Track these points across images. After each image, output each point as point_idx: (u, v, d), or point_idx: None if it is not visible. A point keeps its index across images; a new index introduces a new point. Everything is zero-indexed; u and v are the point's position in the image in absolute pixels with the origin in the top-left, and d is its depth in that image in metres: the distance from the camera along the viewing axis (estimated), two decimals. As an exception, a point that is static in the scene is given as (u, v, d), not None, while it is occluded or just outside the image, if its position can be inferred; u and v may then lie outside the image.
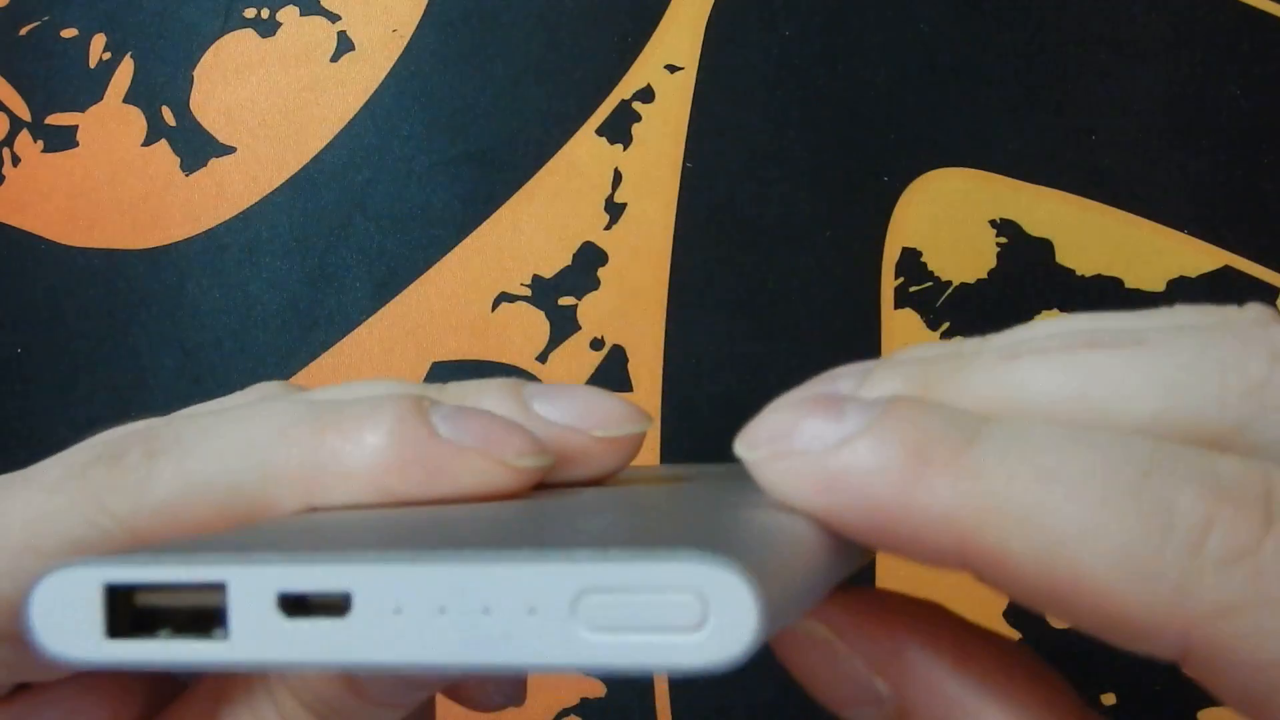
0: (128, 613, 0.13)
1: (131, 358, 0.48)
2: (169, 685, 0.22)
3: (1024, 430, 0.14)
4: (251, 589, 0.12)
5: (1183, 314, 0.17)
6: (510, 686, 0.24)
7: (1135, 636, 0.14)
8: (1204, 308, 0.17)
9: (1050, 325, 0.17)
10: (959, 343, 0.17)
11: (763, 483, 0.15)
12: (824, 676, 0.17)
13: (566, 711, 0.45)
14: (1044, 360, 0.16)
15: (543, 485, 0.19)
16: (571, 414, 0.19)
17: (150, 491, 0.17)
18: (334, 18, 0.51)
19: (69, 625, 0.13)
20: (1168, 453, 0.14)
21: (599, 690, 0.45)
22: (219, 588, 0.13)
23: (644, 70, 0.50)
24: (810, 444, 0.15)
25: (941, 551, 0.14)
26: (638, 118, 0.50)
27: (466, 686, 0.23)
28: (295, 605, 0.12)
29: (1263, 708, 0.13)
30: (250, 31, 0.51)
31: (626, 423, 0.19)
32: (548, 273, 0.48)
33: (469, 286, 0.49)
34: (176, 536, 0.16)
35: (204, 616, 0.13)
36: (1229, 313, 0.16)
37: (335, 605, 0.12)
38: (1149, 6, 0.49)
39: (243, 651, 0.13)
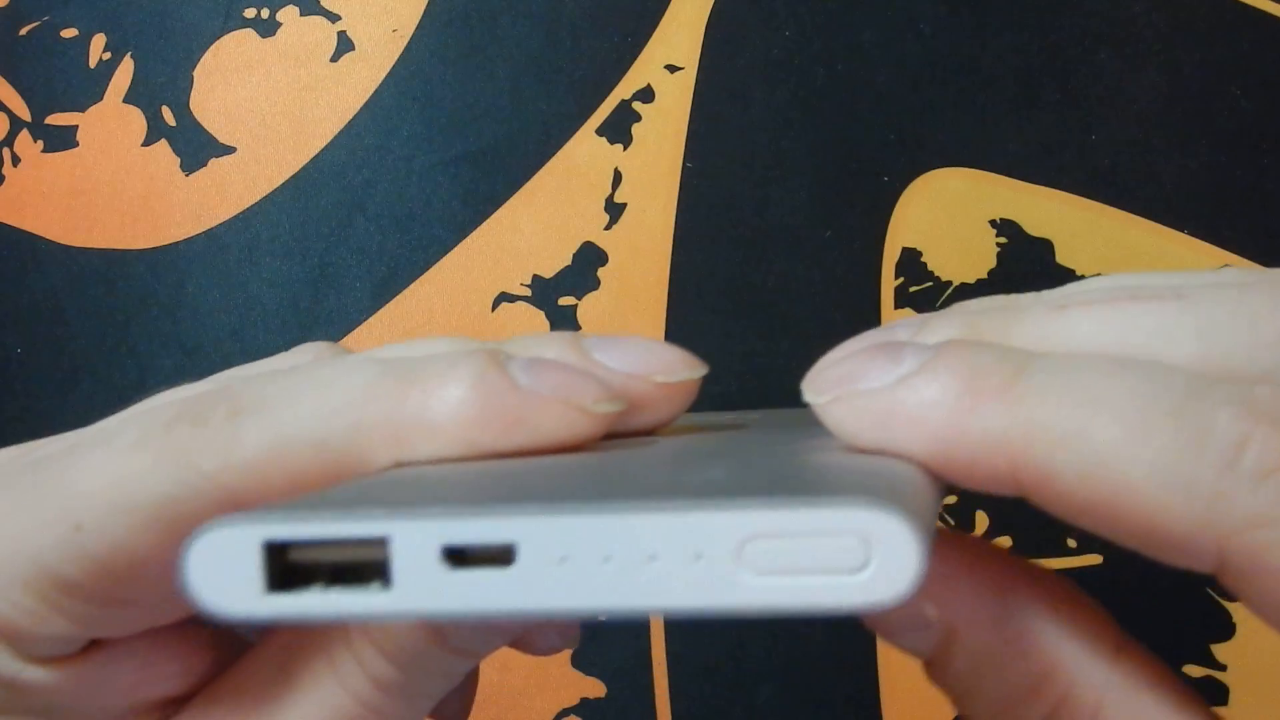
0: (280, 567, 0.13)
1: (131, 358, 0.48)
2: (237, 638, 0.22)
3: (1069, 359, 0.15)
4: (416, 542, 0.13)
5: (1227, 274, 0.18)
6: (566, 630, 0.24)
7: (1174, 548, 0.15)
8: (1248, 269, 0.18)
9: (1099, 281, 0.18)
10: (1012, 298, 0.19)
11: (830, 424, 0.17)
12: None
13: (566, 711, 0.45)
14: (1088, 311, 0.17)
15: (606, 436, 0.19)
16: (632, 362, 0.19)
17: (239, 449, 0.17)
18: (334, 18, 0.51)
19: (226, 581, 0.13)
20: (1206, 379, 0.15)
21: (599, 690, 0.45)
22: (381, 542, 0.13)
23: (644, 70, 0.50)
24: (872, 384, 0.16)
25: (996, 475, 0.15)
26: (638, 118, 0.50)
27: (525, 633, 0.24)
28: (458, 557, 0.13)
29: None
30: (250, 31, 0.51)
31: (684, 368, 0.20)
32: (548, 273, 0.48)
33: (469, 286, 0.49)
34: (323, 490, 0.17)
35: (357, 569, 0.13)
36: (1273, 272, 0.17)
37: (499, 556, 0.13)
38: (1149, 6, 0.49)
39: (405, 602, 0.13)
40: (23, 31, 0.51)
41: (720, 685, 0.45)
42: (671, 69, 0.50)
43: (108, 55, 0.51)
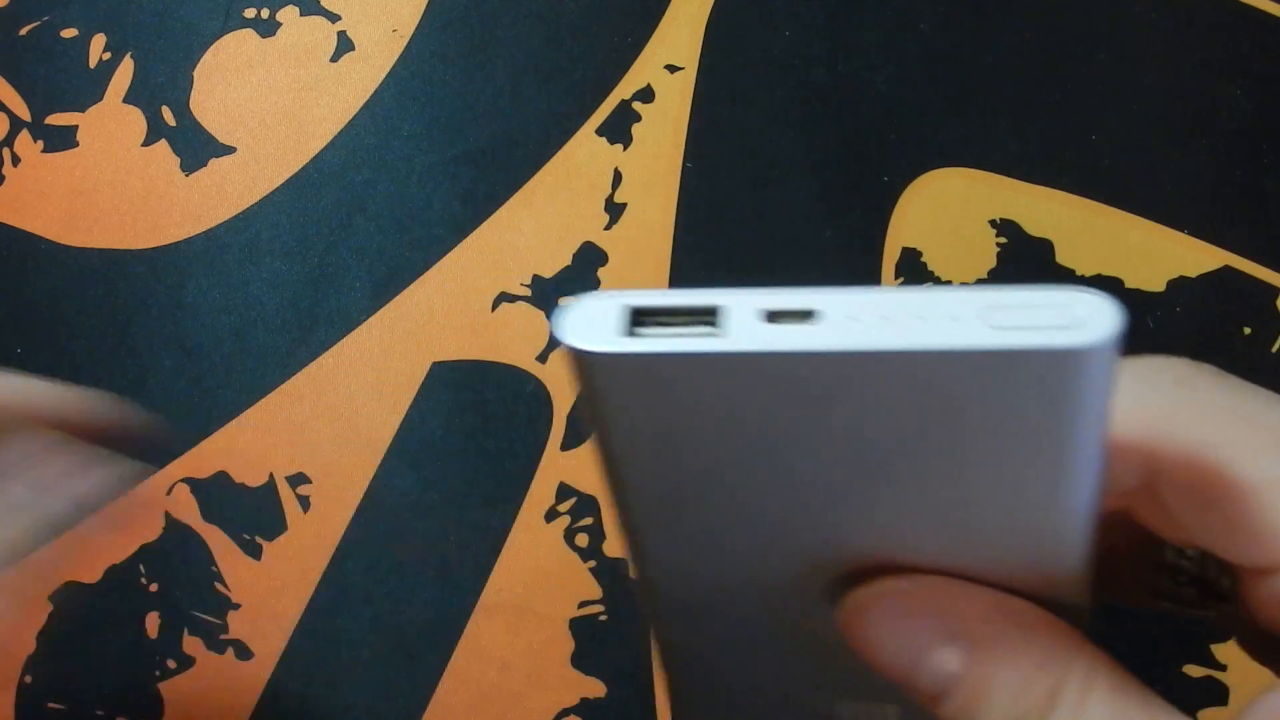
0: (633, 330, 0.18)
1: (131, 358, 0.48)
2: None
3: None
4: (743, 308, 0.18)
5: None
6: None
7: None
8: None
9: None
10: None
11: None
12: None
13: (566, 712, 0.45)
14: None
15: None
16: None
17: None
18: (334, 18, 0.51)
19: (593, 332, 0.18)
20: None
21: (599, 690, 0.45)
22: (713, 311, 0.18)
23: (644, 70, 0.50)
24: None
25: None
26: (638, 118, 0.50)
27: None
28: (773, 318, 0.18)
29: None
30: (250, 31, 0.51)
31: None
32: (548, 273, 0.48)
33: (469, 286, 0.49)
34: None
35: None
36: None
37: (803, 317, 0.18)
38: (1149, 6, 0.49)
39: (735, 342, 0.17)
40: (23, 31, 0.51)
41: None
42: (671, 69, 0.50)
43: (108, 55, 0.51)
